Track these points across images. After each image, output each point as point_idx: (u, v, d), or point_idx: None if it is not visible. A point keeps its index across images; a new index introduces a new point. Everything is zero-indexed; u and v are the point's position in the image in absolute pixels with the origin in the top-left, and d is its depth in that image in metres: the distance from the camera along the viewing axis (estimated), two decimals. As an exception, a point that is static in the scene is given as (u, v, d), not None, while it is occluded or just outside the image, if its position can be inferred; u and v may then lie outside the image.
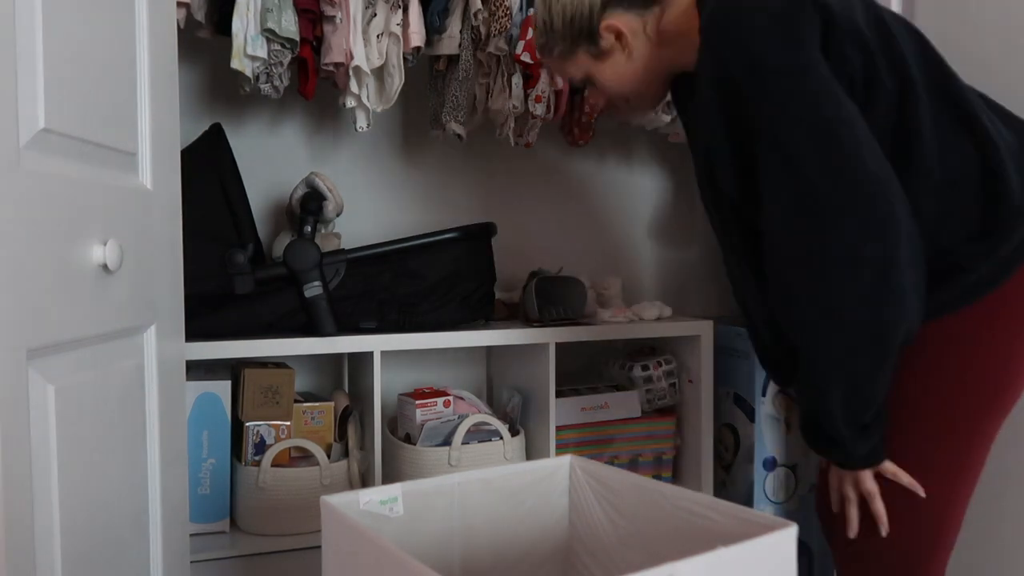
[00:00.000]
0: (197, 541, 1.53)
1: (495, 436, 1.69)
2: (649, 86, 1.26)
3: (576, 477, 1.10)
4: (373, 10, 1.62)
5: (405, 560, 0.73)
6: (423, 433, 1.65)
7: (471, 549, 1.04)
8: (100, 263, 0.93)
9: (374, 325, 1.66)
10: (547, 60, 1.28)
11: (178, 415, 1.21)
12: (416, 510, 0.99)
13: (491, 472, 1.06)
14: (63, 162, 0.88)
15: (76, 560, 0.90)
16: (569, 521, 1.12)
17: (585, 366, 2.10)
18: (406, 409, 1.72)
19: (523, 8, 1.71)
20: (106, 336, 0.98)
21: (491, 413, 1.74)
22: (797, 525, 0.85)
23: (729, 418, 1.91)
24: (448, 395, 1.72)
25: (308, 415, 1.65)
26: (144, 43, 1.07)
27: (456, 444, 1.63)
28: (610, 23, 1.18)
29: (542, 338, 1.71)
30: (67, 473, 0.88)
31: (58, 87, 0.86)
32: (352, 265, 1.65)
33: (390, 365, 1.95)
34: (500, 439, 1.69)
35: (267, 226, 1.89)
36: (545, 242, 2.12)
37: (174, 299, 1.20)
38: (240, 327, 1.58)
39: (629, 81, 1.24)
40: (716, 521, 0.91)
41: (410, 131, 2.01)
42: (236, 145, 1.77)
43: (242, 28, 1.53)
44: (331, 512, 0.89)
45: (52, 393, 0.85)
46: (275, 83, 1.58)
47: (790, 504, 1.86)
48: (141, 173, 1.09)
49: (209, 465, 1.56)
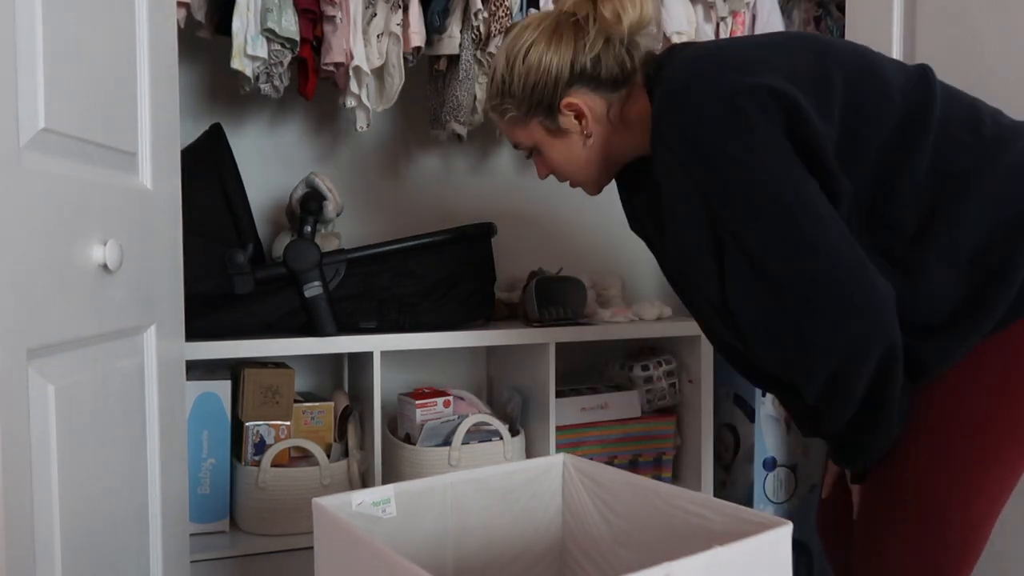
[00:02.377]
0: (197, 541, 1.53)
1: (495, 436, 1.69)
2: (599, 172, 1.18)
3: (569, 476, 1.10)
4: (373, 10, 1.62)
5: (398, 561, 0.73)
6: (423, 433, 1.66)
7: (464, 549, 1.04)
8: (100, 263, 0.94)
9: (374, 325, 1.66)
10: (495, 118, 1.18)
11: (178, 415, 1.21)
12: (409, 511, 0.99)
13: (484, 472, 1.06)
14: (63, 162, 0.89)
15: (76, 560, 0.90)
16: (563, 520, 1.12)
17: (585, 366, 2.10)
18: (406, 409, 1.72)
19: (523, 8, 1.71)
20: (106, 336, 0.98)
21: (491, 413, 1.75)
22: (792, 524, 0.85)
23: (729, 418, 1.91)
24: (448, 395, 1.72)
25: (308, 415, 1.65)
26: (144, 43, 1.08)
27: (456, 444, 1.63)
28: (573, 101, 1.09)
29: (542, 338, 1.71)
30: (67, 473, 0.88)
31: (58, 87, 0.86)
32: (352, 265, 1.65)
33: (390, 365, 1.96)
34: (500, 439, 1.69)
35: (267, 226, 1.90)
36: (545, 242, 2.12)
37: (174, 299, 1.20)
38: (240, 327, 1.58)
39: (579, 164, 1.16)
40: (711, 520, 0.91)
41: (410, 131, 2.01)
42: (236, 145, 1.77)
43: (242, 28, 1.53)
44: (323, 514, 0.89)
45: (52, 393, 0.85)
46: (275, 83, 1.58)
47: (790, 504, 1.86)
48: (141, 173, 1.09)
49: (209, 465, 1.57)
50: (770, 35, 1.12)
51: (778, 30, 1.90)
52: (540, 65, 1.08)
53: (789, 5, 2.02)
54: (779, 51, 1.02)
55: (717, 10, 1.86)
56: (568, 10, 1.08)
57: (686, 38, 1.79)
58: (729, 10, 1.87)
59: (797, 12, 2.03)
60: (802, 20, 2.03)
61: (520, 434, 1.74)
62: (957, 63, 1.44)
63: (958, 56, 1.44)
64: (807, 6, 2.05)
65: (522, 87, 1.10)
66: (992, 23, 1.40)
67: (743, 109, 0.95)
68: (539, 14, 1.13)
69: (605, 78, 1.08)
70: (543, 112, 1.11)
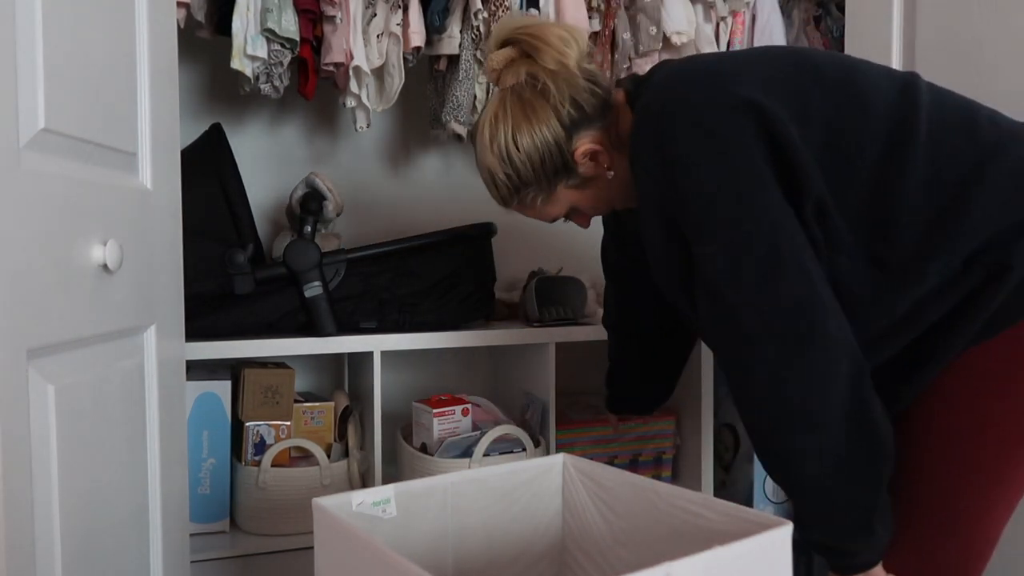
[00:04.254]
0: (197, 541, 1.53)
1: (517, 447, 1.62)
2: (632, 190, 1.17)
3: (569, 476, 1.10)
4: (373, 10, 1.63)
5: (398, 561, 0.73)
6: (443, 445, 1.60)
7: (464, 549, 1.04)
8: (100, 263, 0.94)
9: (374, 325, 1.66)
10: (522, 211, 1.18)
11: (178, 415, 1.21)
12: (409, 511, 0.99)
13: (484, 472, 1.05)
14: (63, 162, 0.89)
15: (76, 560, 0.90)
16: (563, 520, 1.12)
17: (585, 366, 2.09)
18: (422, 418, 1.66)
19: (523, 8, 1.72)
20: (106, 336, 0.98)
21: (509, 421, 1.68)
22: (792, 524, 0.85)
23: (729, 418, 1.91)
24: (466, 403, 1.66)
25: (308, 415, 1.65)
26: (144, 43, 1.08)
27: (478, 456, 1.56)
28: (584, 148, 1.09)
29: (542, 338, 1.71)
30: (67, 473, 0.88)
31: (58, 87, 0.86)
32: (352, 265, 1.65)
33: (390, 365, 1.95)
34: (523, 451, 1.62)
35: (267, 226, 1.90)
36: (545, 242, 2.12)
37: (174, 299, 1.20)
38: (240, 327, 1.58)
39: (617, 195, 1.16)
40: (710, 519, 0.91)
41: (410, 131, 2.01)
42: (236, 145, 1.77)
43: (242, 28, 1.53)
44: (323, 514, 0.89)
45: (52, 393, 0.85)
46: (275, 83, 1.58)
47: (790, 504, 1.86)
48: (141, 173, 1.09)
49: (209, 465, 1.56)
50: (750, 49, 1.13)
51: (778, 30, 1.90)
52: (535, 142, 1.07)
53: (789, 5, 2.02)
54: (755, 63, 1.02)
55: (717, 10, 1.86)
56: (518, 83, 1.08)
57: (686, 38, 1.79)
58: (729, 10, 1.87)
59: (797, 12, 2.03)
60: (802, 20, 2.03)
61: (542, 444, 1.69)
62: (957, 63, 1.44)
63: (958, 56, 1.44)
64: (807, 6, 2.05)
65: (532, 169, 1.09)
66: (992, 23, 1.40)
67: (715, 131, 0.95)
68: (491, 105, 1.11)
69: (591, 112, 1.09)
70: (564, 175, 1.11)
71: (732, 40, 1.89)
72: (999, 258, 0.96)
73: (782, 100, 0.96)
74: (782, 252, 0.94)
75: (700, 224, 0.98)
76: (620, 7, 1.80)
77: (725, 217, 0.95)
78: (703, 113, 0.97)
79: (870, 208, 0.98)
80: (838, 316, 0.94)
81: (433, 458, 1.59)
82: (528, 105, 1.07)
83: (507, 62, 1.09)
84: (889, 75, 1.05)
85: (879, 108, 0.99)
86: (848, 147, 0.98)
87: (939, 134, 0.98)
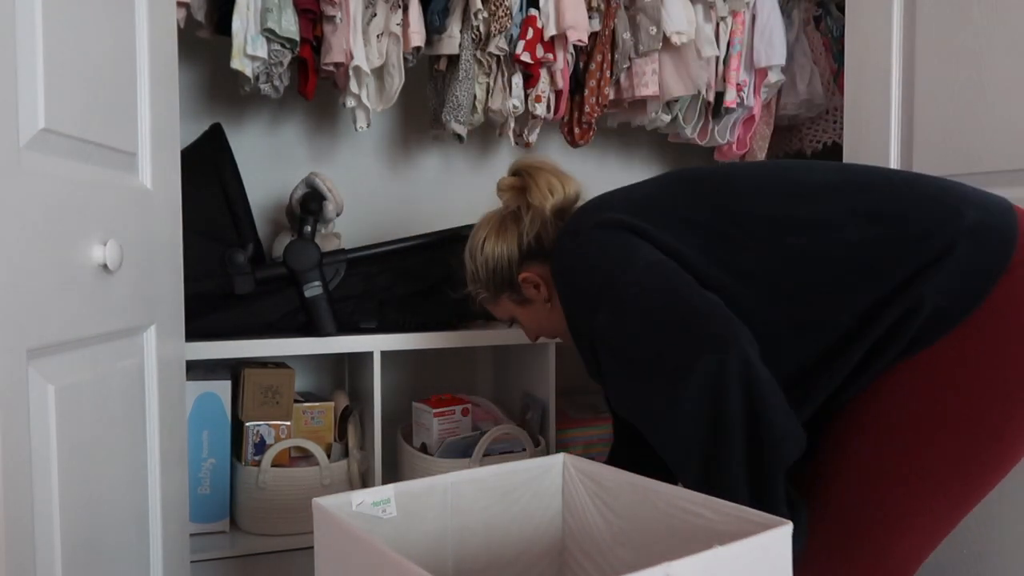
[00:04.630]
0: (197, 541, 1.53)
1: (517, 447, 1.64)
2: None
3: (569, 476, 1.10)
4: (373, 10, 1.63)
5: (398, 561, 0.73)
6: (443, 445, 1.61)
7: (464, 549, 1.04)
8: (100, 263, 0.94)
9: (374, 325, 1.66)
10: (476, 298, 1.37)
11: (178, 415, 1.21)
12: (409, 511, 0.99)
13: (484, 472, 1.05)
14: (63, 162, 0.89)
15: (76, 559, 0.90)
16: (563, 520, 1.12)
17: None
18: (422, 418, 1.67)
19: (523, 8, 1.72)
20: (106, 336, 0.98)
21: (509, 421, 1.70)
22: (792, 524, 0.85)
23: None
24: (466, 403, 1.67)
25: (308, 415, 1.65)
26: (144, 43, 1.08)
27: (477, 456, 1.57)
28: (527, 275, 1.26)
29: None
30: (67, 473, 0.88)
31: (58, 87, 0.86)
32: (352, 265, 1.65)
33: (390, 365, 1.96)
34: (523, 451, 1.63)
35: (267, 226, 1.90)
36: (545, 242, 2.12)
37: (174, 299, 1.20)
38: (240, 327, 1.58)
39: (549, 324, 1.31)
40: (710, 519, 0.90)
41: (410, 131, 2.01)
42: (236, 145, 1.77)
43: (242, 28, 1.53)
44: (323, 514, 0.89)
45: (52, 393, 0.85)
46: (275, 83, 1.58)
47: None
48: (141, 173, 1.09)
49: (209, 465, 1.57)
50: (650, 179, 1.24)
51: (778, 30, 1.90)
52: (494, 254, 1.28)
53: (789, 5, 2.02)
54: (635, 190, 1.18)
55: (717, 10, 1.86)
56: (510, 206, 1.29)
57: (686, 38, 1.79)
58: (729, 10, 1.87)
59: (797, 12, 2.03)
60: (802, 20, 2.03)
61: (542, 444, 1.70)
62: (957, 63, 1.44)
63: (958, 56, 1.44)
64: (807, 6, 2.05)
65: (485, 274, 1.30)
66: (992, 23, 1.40)
67: (591, 236, 1.11)
68: (492, 213, 1.32)
69: (549, 249, 1.24)
70: (507, 288, 1.30)
71: (732, 40, 1.89)
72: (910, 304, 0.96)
73: (638, 211, 1.10)
74: (653, 288, 1.02)
75: (586, 304, 1.07)
76: (620, 7, 1.80)
77: (600, 281, 1.06)
78: (584, 230, 1.12)
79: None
80: (727, 322, 0.97)
81: (433, 458, 1.60)
82: (503, 224, 1.28)
83: (510, 187, 1.30)
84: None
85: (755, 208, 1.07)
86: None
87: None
